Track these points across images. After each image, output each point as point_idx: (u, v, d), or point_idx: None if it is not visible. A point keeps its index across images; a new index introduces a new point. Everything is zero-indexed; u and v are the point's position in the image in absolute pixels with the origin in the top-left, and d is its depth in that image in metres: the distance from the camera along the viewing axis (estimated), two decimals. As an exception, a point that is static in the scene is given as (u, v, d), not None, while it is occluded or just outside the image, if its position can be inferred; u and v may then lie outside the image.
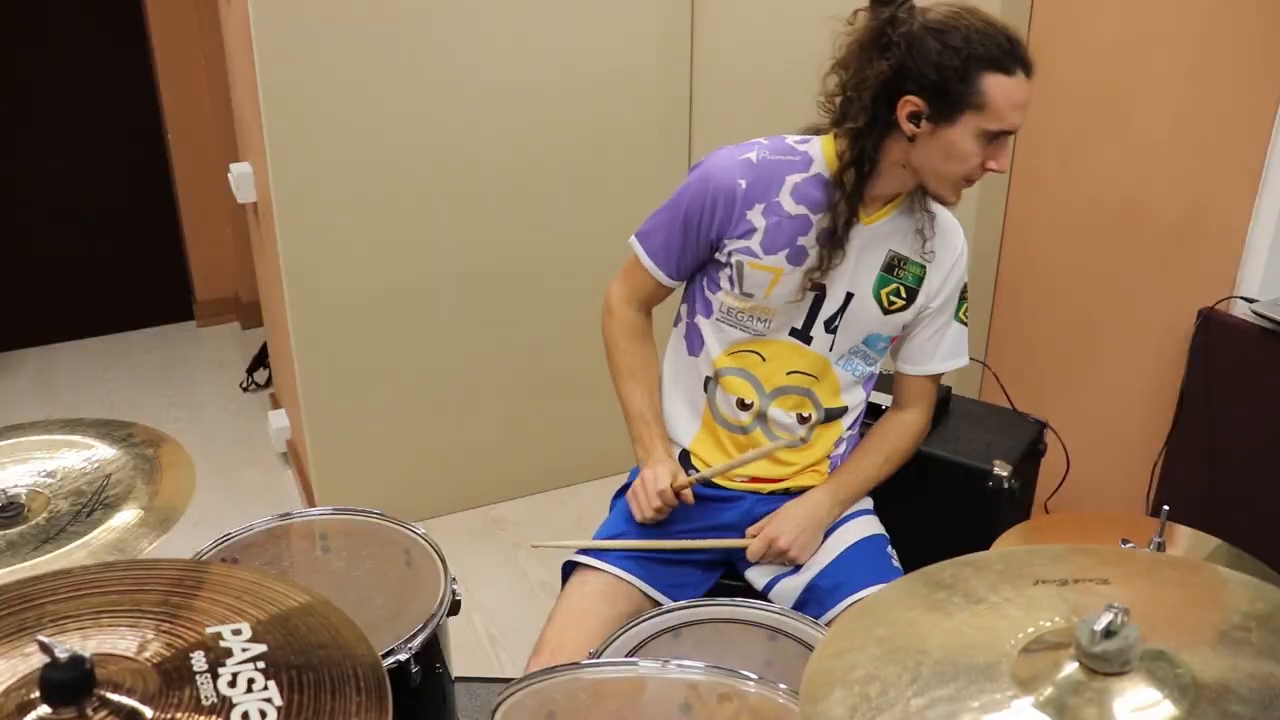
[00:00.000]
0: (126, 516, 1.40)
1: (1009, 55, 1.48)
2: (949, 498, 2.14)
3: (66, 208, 3.81)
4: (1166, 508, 1.54)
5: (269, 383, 3.65)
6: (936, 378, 1.78)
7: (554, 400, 2.98)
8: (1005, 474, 2.07)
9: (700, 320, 1.74)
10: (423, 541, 1.69)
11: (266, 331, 3.55)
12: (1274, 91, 2.19)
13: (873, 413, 2.12)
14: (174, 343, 4.01)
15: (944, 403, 2.27)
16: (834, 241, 1.60)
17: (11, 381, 3.72)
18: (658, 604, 1.68)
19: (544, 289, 2.86)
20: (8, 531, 1.38)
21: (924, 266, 1.66)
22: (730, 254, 1.65)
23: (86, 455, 1.53)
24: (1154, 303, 2.52)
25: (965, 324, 1.75)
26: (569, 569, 1.73)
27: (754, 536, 1.71)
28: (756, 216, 1.62)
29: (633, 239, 1.76)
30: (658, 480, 1.66)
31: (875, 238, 1.65)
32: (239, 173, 2.93)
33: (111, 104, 3.76)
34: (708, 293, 1.72)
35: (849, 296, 1.66)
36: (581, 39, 2.67)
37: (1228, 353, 2.33)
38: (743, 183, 1.61)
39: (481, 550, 2.86)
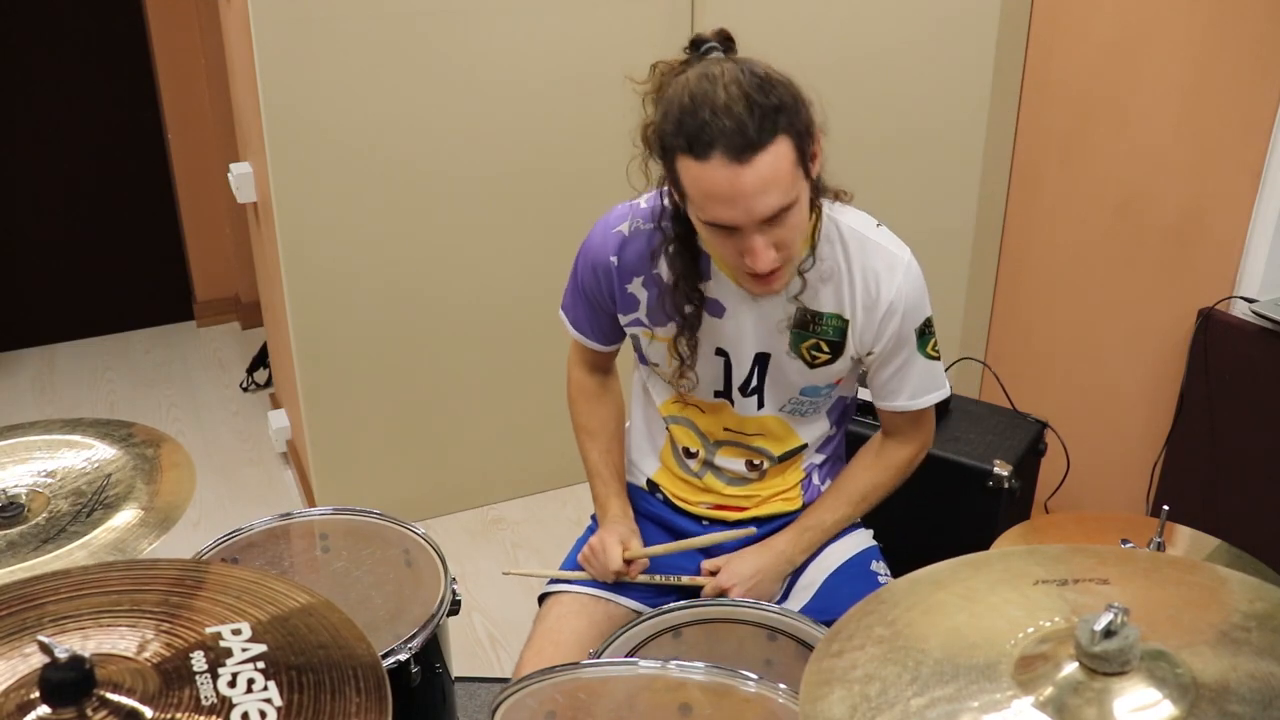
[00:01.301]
0: (126, 516, 1.40)
1: (699, 137, 1.25)
2: (949, 498, 2.14)
3: (66, 208, 3.81)
4: (1166, 508, 1.54)
5: (269, 383, 3.65)
6: (916, 412, 1.62)
7: (554, 400, 2.97)
8: (1005, 474, 2.07)
9: (644, 369, 1.70)
10: (423, 541, 1.69)
11: (266, 331, 3.55)
12: (1274, 91, 2.19)
13: (866, 410, 2.12)
14: (174, 343, 4.01)
15: (944, 403, 2.27)
16: (684, 301, 1.48)
17: (11, 381, 3.72)
18: (636, 612, 1.65)
19: (544, 289, 2.85)
20: (8, 531, 1.38)
21: (845, 320, 1.51)
22: (625, 328, 1.61)
23: (86, 455, 1.53)
24: (1154, 303, 2.52)
25: (936, 358, 1.58)
26: (543, 596, 1.71)
27: (711, 573, 1.63)
28: (637, 289, 1.55)
29: (560, 311, 1.69)
30: (608, 554, 1.61)
31: (771, 301, 1.50)
32: (239, 173, 2.93)
33: (111, 104, 3.76)
34: (639, 348, 1.67)
35: (763, 357, 1.55)
36: (582, 41, 2.66)
37: (1228, 353, 2.33)
38: (614, 260, 1.53)
39: (481, 550, 2.86)
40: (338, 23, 2.42)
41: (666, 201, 1.46)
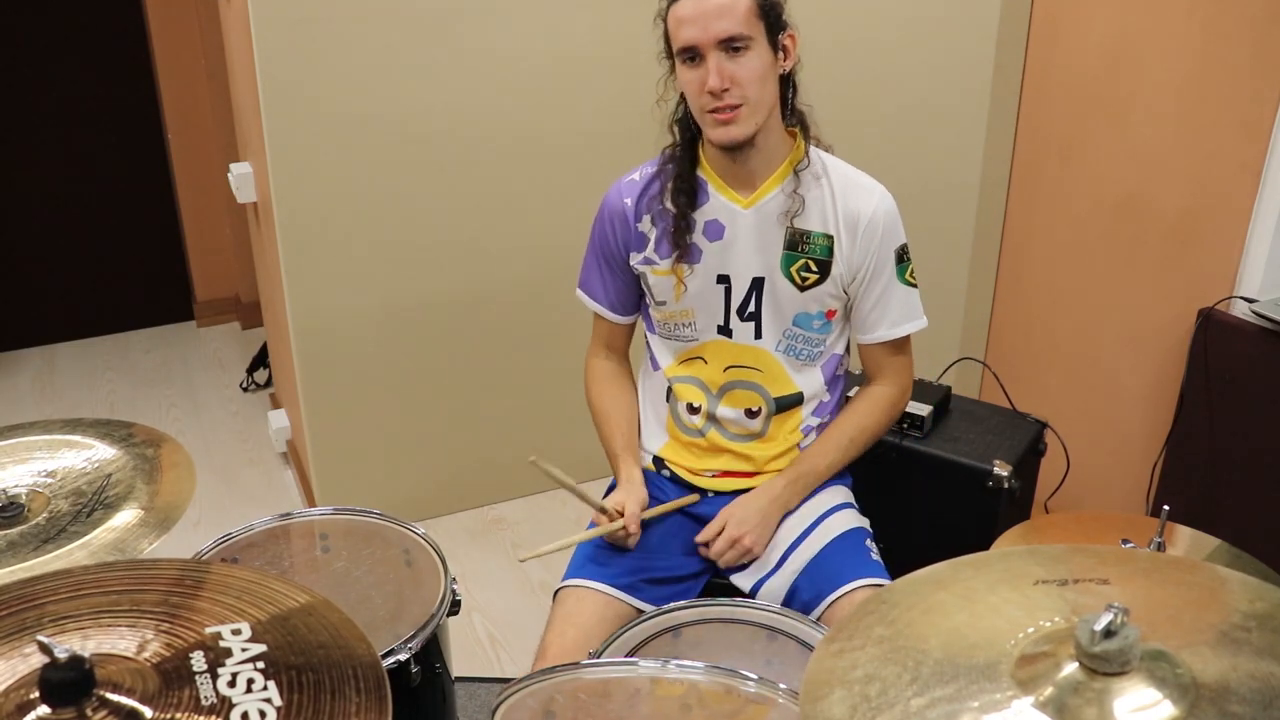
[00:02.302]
0: (126, 516, 1.40)
1: None
2: (949, 498, 2.14)
3: (67, 208, 3.81)
4: (1166, 508, 1.54)
5: (269, 383, 3.65)
6: (897, 345, 1.76)
7: (554, 401, 2.98)
8: (1005, 474, 2.07)
9: (651, 337, 1.82)
10: (423, 541, 1.69)
11: (266, 331, 3.55)
12: (1274, 91, 2.19)
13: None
14: (174, 343, 4.01)
15: (944, 403, 2.27)
16: (681, 196, 1.67)
17: (11, 381, 3.72)
18: (643, 611, 1.68)
19: (544, 289, 2.86)
20: (8, 531, 1.38)
21: (830, 237, 1.67)
22: (635, 267, 1.76)
23: (86, 455, 1.53)
24: (1154, 303, 2.52)
25: (914, 285, 1.73)
26: (557, 593, 1.74)
27: (715, 534, 1.71)
28: (647, 226, 1.73)
29: (578, 289, 1.85)
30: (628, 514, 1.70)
31: (765, 218, 1.67)
32: (239, 173, 2.93)
33: (111, 104, 3.76)
34: (647, 309, 1.81)
35: (758, 281, 1.69)
36: (583, 40, 2.66)
37: (1228, 353, 2.33)
38: (629, 201, 1.74)
39: (481, 550, 2.86)
40: (338, 23, 2.42)
41: (675, 118, 1.72)
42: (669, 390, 1.79)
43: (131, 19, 3.67)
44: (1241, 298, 2.32)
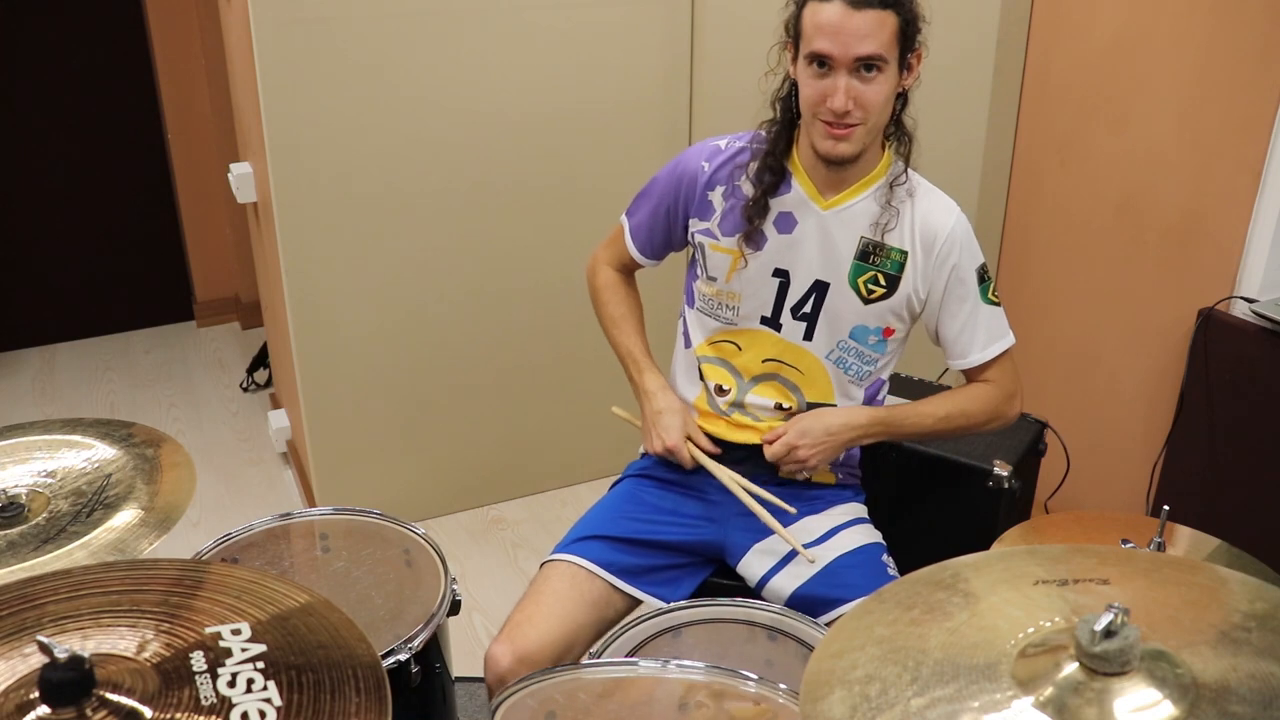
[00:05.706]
0: (126, 516, 1.40)
1: None
2: (949, 498, 2.14)
3: (66, 208, 3.81)
4: (1166, 508, 1.54)
5: (269, 383, 3.65)
6: (994, 362, 1.71)
7: (554, 400, 2.98)
8: (1005, 474, 2.07)
9: (688, 311, 1.80)
10: (423, 541, 1.69)
11: (266, 331, 3.55)
12: (1274, 91, 2.19)
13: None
14: (174, 343, 4.01)
15: (944, 403, 2.27)
16: (767, 175, 1.64)
17: (11, 381, 3.72)
18: (628, 596, 1.69)
19: (544, 290, 2.86)
20: (8, 531, 1.38)
21: (905, 253, 1.64)
22: (693, 235, 1.73)
23: (86, 455, 1.53)
24: (1154, 303, 2.52)
25: (998, 304, 1.71)
26: (544, 565, 1.74)
27: (779, 435, 1.66)
28: (717, 198, 1.70)
29: (623, 215, 1.84)
30: (671, 431, 1.70)
31: (841, 224, 1.64)
32: (239, 173, 2.93)
33: (111, 104, 3.76)
34: (692, 282, 1.78)
35: (821, 285, 1.66)
36: (583, 41, 2.66)
37: (1228, 353, 2.33)
38: (706, 165, 1.70)
39: (481, 550, 2.86)
40: (338, 23, 2.42)
41: (779, 95, 1.66)
42: (699, 368, 1.77)
43: (131, 20, 3.67)
44: (1241, 298, 2.32)
